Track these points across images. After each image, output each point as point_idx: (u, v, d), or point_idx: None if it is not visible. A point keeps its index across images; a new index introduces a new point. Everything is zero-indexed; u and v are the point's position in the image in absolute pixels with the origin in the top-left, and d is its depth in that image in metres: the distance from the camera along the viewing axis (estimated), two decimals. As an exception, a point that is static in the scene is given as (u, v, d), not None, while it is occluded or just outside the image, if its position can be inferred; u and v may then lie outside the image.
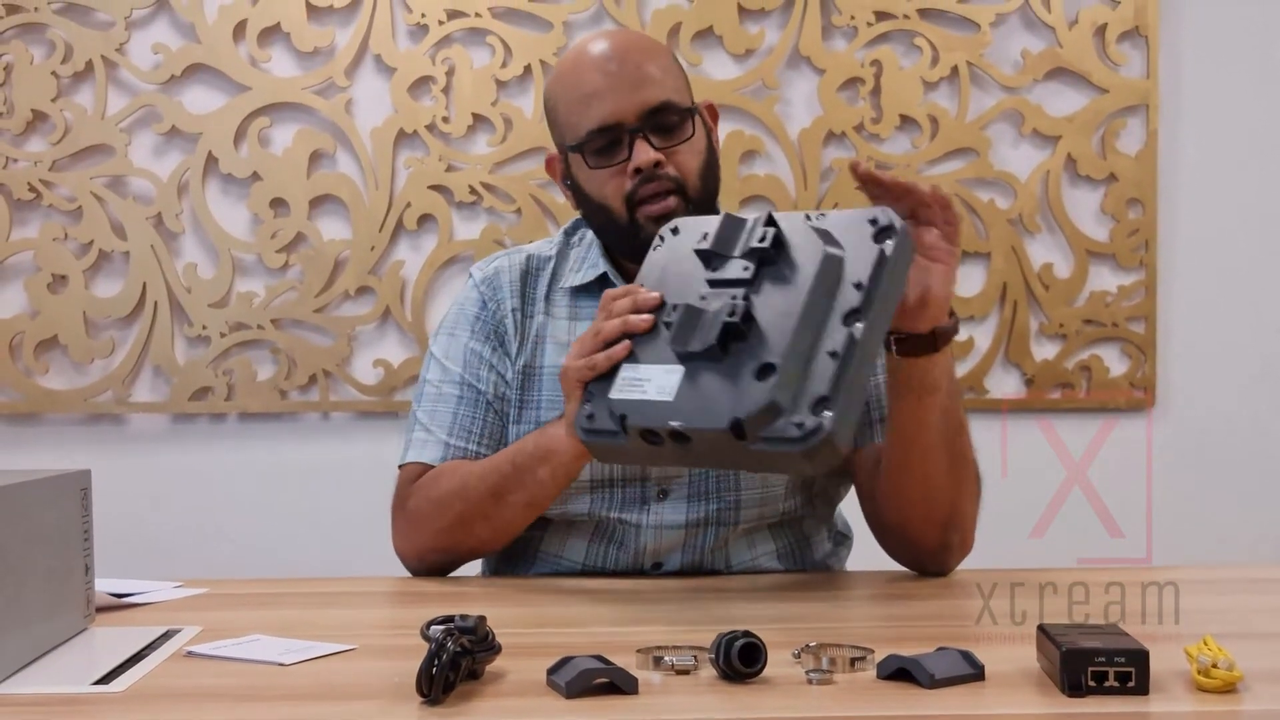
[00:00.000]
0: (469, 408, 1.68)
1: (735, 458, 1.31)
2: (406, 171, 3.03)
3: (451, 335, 1.73)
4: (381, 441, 2.94)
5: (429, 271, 3.04)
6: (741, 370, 1.29)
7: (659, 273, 1.44)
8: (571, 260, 1.74)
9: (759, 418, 1.26)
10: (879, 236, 1.34)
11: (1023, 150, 3.10)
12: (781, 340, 1.29)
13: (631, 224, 1.61)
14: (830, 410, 1.25)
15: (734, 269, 1.37)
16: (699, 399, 1.31)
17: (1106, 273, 3.11)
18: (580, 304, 1.71)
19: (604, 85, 1.59)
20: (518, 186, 3.03)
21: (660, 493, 1.67)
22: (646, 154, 1.58)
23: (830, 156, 3.09)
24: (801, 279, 1.32)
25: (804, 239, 1.35)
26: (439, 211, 3.04)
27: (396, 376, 3.04)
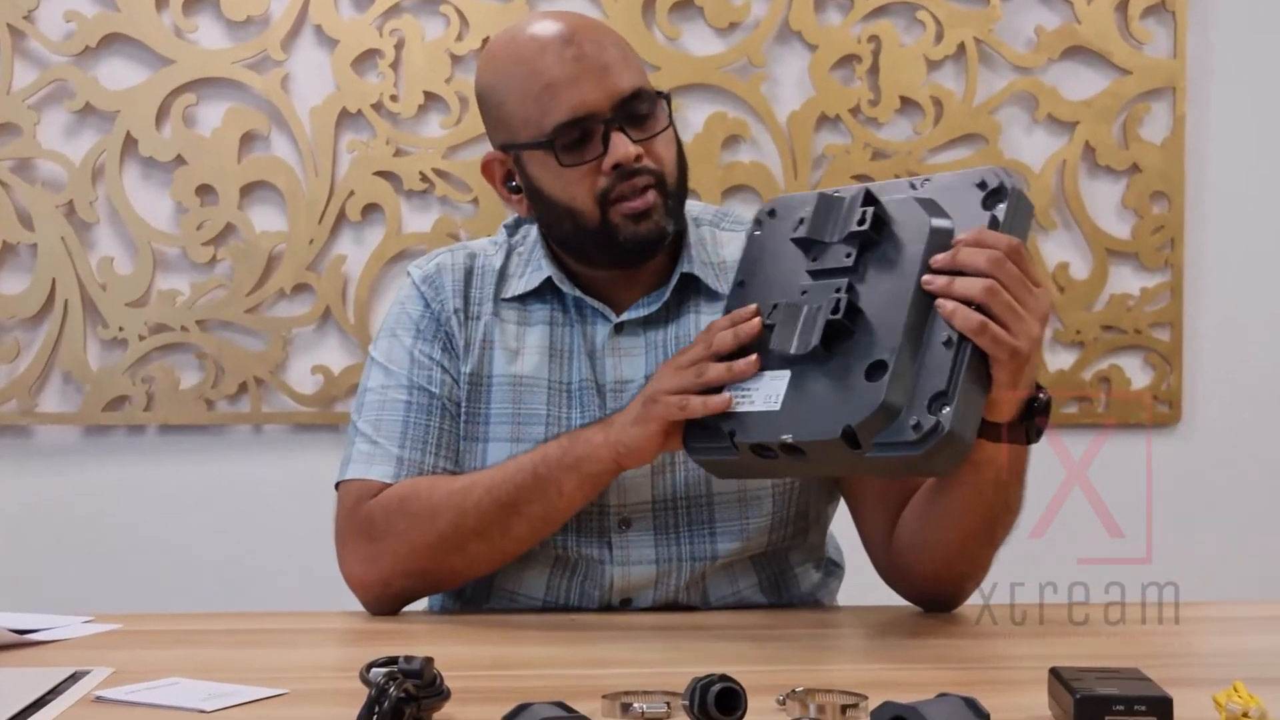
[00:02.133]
0: (421, 414, 1.68)
1: (854, 467, 1.37)
2: (350, 156, 3.03)
3: (394, 337, 1.73)
4: (321, 457, 2.91)
5: (374, 268, 3.04)
6: (850, 370, 1.32)
7: (757, 266, 1.47)
8: (515, 263, 1.75)
9: (872, 422, 1.29)
10: (989, 201, 1.36)
11: (1036, 137, 3.11)
12: (891, 333, 1.32)
13: (604, 224, 1.61)
14: (949, 406, 1.28)
15: (834, 256, 1.39)
16: (808, 406, 1.34)
17: (1128, 274, 3.13)
18: (530, 309, 1.72)
19: (569, 73, 1.58)
20: (473, 173, 3.01)
21: (621, 523, 1.67)
22: (626, 147, 1.59)
23: (823, 142, 3.09)
24: (908, 260, 1.35)
25: (907, 213, 1.37)
26: (386, 201, 3.04)
27: (337, 385, 3.04)
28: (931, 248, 1.34)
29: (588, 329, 1.70)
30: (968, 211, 1.36)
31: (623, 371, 1.68)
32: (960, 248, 1.34)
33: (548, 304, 1.71)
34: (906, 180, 1.42)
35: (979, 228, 1.34)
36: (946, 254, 1.34)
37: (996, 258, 1.32)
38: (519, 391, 1.69)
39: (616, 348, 1.68)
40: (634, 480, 1.64)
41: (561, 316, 1.71)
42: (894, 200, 1.39)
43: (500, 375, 1.70)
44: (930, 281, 1.33)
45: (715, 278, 1.70)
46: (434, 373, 1.70)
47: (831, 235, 1.40)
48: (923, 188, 1.40)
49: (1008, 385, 1.35)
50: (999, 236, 1.34)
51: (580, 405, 1.67)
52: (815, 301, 1.37)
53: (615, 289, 1.70)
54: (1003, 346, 1.31)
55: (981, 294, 1.31)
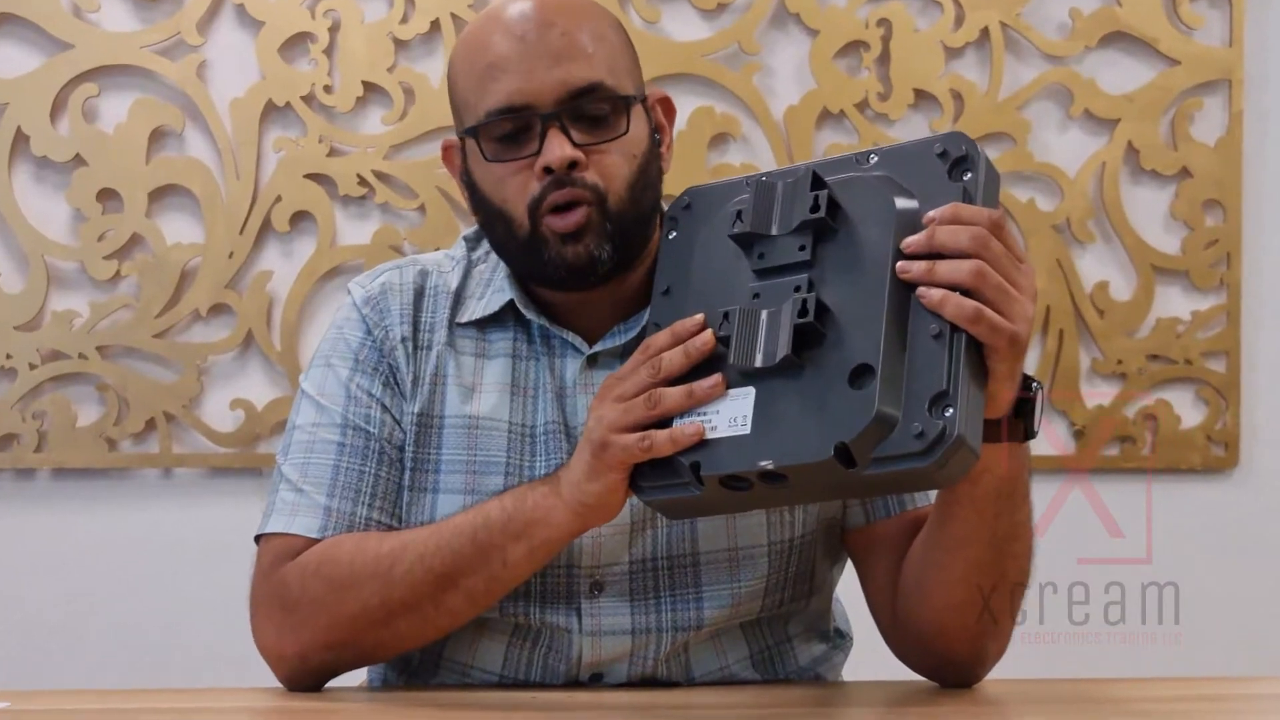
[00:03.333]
0: (354, 458, 1.67)
1: (848, 488, 1.38)
2: (276, 156, 3.03)
3: (328, 367, 1.72)
4: (241, 506, 2.63)
5: (305, 285, 3.03)
6: (829, 379, 1.32)
7: (685, 271, 1.47)
8: (474, 282, 1.75)
9: (868, 435, 1.29)
10: (955, 171, 1.36)
11: (1071, 137, 3.12)
12: (870, 332, 1.32)
13: (534, 237, 1.61)
14: (952, 406, 1.28)
15: (785, 251, 1.39)
16: (785, 425, 1.34)
17: (1177, 295, 3.13)
18: (490, 338, 1.72)
19: (513, 53, 1.59)
20: (421, 176, 3.02)
21: (593, 587, 1.67)
22: (560, 150, 1.58)
23: (825, 142, 3.07)
24: (875, 248, 1.34)
25: (864, 193, 1.38)
26: (318, 208, 3.03)
27: (261, 421, 3.02)
28: (901, 230, 1.34)
29: (555, 362, 1.69)
30: (931, 185, 1.37)
31: None
32: (935, 227, 1.34)
33: (509, 331, 1.71)
34: (850, 155, 1.42)
35: (953, 203, 1.35)
36: (920, 235, 1.34)
37: (980, 234, 1.33)
38: (475, 435, 1.68)
39: (589, 384, 1.67)
40: (609, 538, 1.64)
41: (525, 348, 1.70)
42: (844, 179, 1.39)
43: (454, 416, 1.69)
44: (907, 268, 1.33)
45: None
46: (373, 411, 1.68)
47: (778, 227, 1.40)
48: (874, 163, 1.40)
49: (1006, 376, 1.36)
50: (977, 210, 1.35)
51: (545, 452, 1.66)
52: (774, 304, 1.37)
53: (587, 313, 1.69)
54: (1001, 334, 1.32)
55: (970, 277, 1.32)
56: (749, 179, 1.43)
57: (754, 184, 1.42)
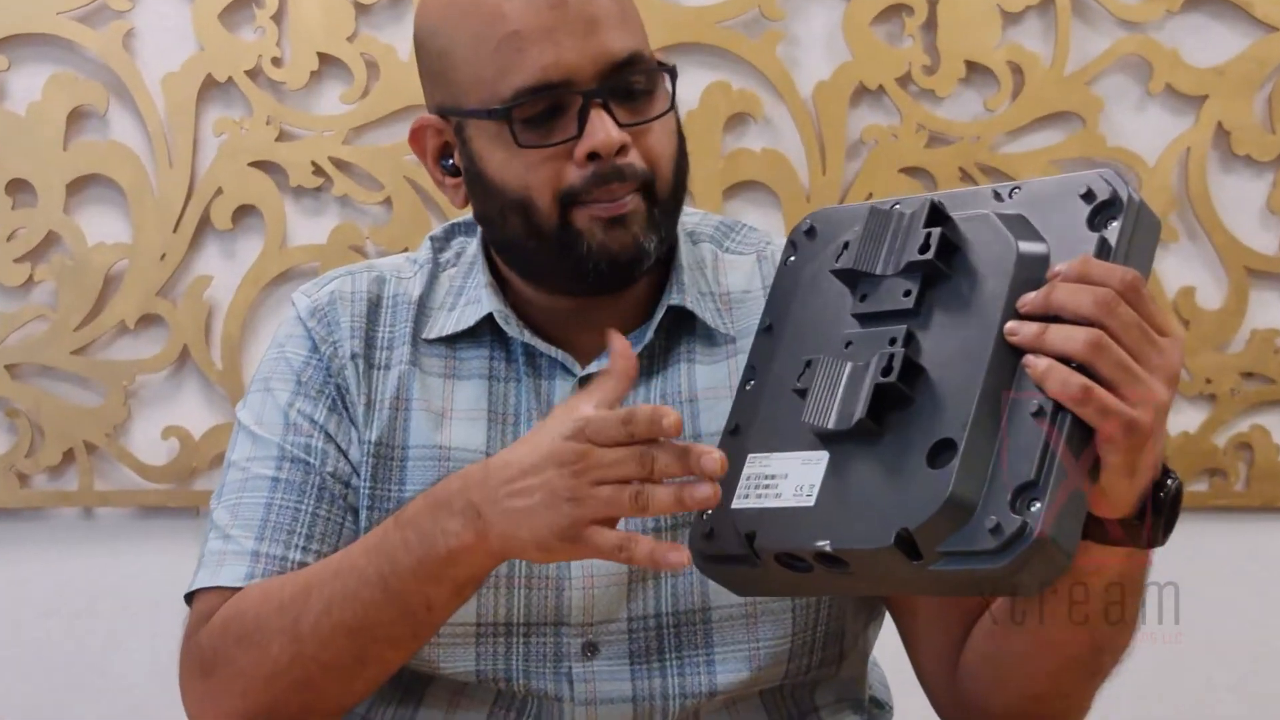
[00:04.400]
0: (290, 494, 1.67)
1: (912, 582, 1.36)
2: (217, 141, 3.03)
3: (266, 392, 1.73)
4: (175, 551, 2.59)
5: (250, 293, 3.03)
6: (908, 452, 1.32)
7: (791, 306, 1.48)
8: (444, 289, 1.75)
9: (936, 524, 1.28)
10: (1097, 217, 1.35)
11: (1150, 117, 3.10)
12: (963, 401, 1.31)
13: (564, 230, 1.61)
14: (1039, 501, 1.27)
15: (889, 294, 1.39)
16: (851, 502, 1.34)
17: (1276, 302, 3.13)
18: (462, 355, 1.72)
19: (544, 21, 1.58)
20: (387, 165, 3.01)
21: (585, 647, 1.66)
22: (608, 132, 1.58)
23: (861, 123, 3.06)
24: (987, 301, 1.34)
25: (987, 235, 1.37)
26: (266, 202, 3.03)
27: (198, 453, 3.02)
28: (1019, 283, 1.33)
29: (541, 384, 1.70)
30: (1068, 232, 1.36)
31: None
32: (1056, 284, 1.32)
33: (484, 349, 1.71)
34: (989, 189, 1.42)
35: (1083, 255, 1.33)
36: (1039, 293, 1.33)
37: (1105, 298, 1.30)
38: (446, 469, 1.66)
39: None
40: (603, 591, 1.64)
41: (504, 367, 1.71)
42: (970, 217, 1.39)
43: (420, 447, 1.69)
44: (1015, 330, 1.32)
45: (716, 314, 1.71)
46: (314, 440, 1.69)
47: (885, 266, 1.40)
48: (1011, 199, 1.40)
49: (1122, 471, 1.33)
50: (1109, 268, 1.32)
51: None
52: (862, 357, 1.36)
53: (579, 327, 1.69)
54: (1114, 419, 1.29)
55: (1084, 348, 1.29)
56: (877, 204, 1.43)
57: (869, 210, 1.42)
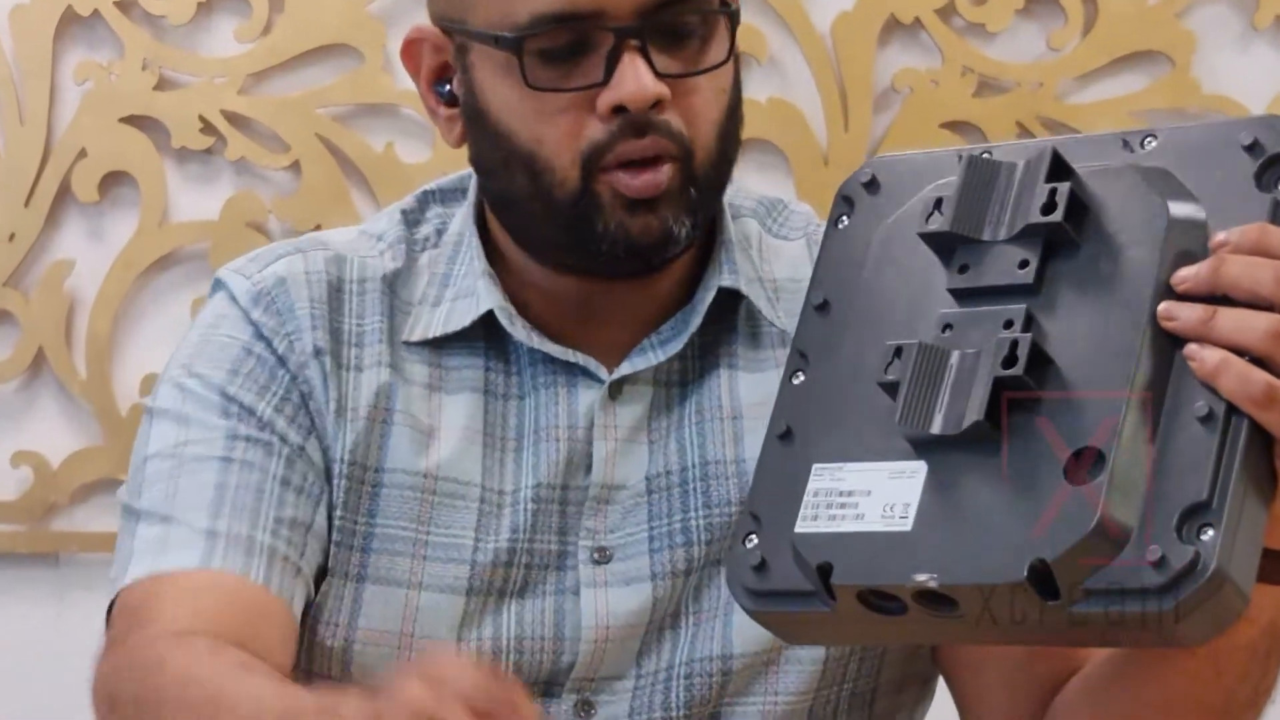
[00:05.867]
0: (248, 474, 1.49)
1: (1044, 627, 1.14)
2: (80, 89, 2.77)
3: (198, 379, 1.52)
4: (27, 604, 2.74)
5: (122, 282, 2.75)
6: (1038, 464, 1.12)
7: (850, 278, 1.31)
8: (423, 277, 1.57)
9: (1080, 555, 1.08)
10: (1268, 174, 1.14)
11: (1256, 57, 2.86)
12: (1107, 402, 1.14)
13: (586, 200, 1.44)
14: (1214, 527, 1.06)
15: (1000, 266, 1.20)
16: (962, 526, 1.14)
17: None
18: (450, 359, 1.54)
19: None
20: (295, 120, 2.76)
21: (581, 706, 1.52)
22: (642, 81, 1.40)
23: (892, 66, 2.80)
24: (1132, 276, 1.15)
25: (1125, 193, 1.18)
26: (142, 167, 2.76)
27: (57, 485, 2.75)
28: (1172, 255, 1.13)
29: (558, 395, 1.54)
30: (1228, 192, 1.15)
31: (616, 471, 1.50)
32: (1226, 256, 1.11)
33: (479, 355, 1.54)
34: (1116, 135, 1.23)
35: (1259, 224, 1.12)
36: (1202, 266, 1.12)
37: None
38: (429, 504, 1.51)
39: (611, 424, 1.53)
40: (615, 645, 1.48)
41: (503, 379, 1.55)
42: (1099, 171, 1.19)
43: (398, 471, 1.52)
44: (1173, 314, 1.12)
45: (769, 302, 1.56)
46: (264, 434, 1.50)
47: (995, 230, 1.20)
48: (1147, 147, 1.20)
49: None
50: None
51: (532, 527, 1.50)
52: (971, 344, 1.15)
53: (599, 317, 1.52)
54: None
55: (1266, 339, 1.09)
56: (962, 152, 1.25)
57: (967, 160, 1.23)
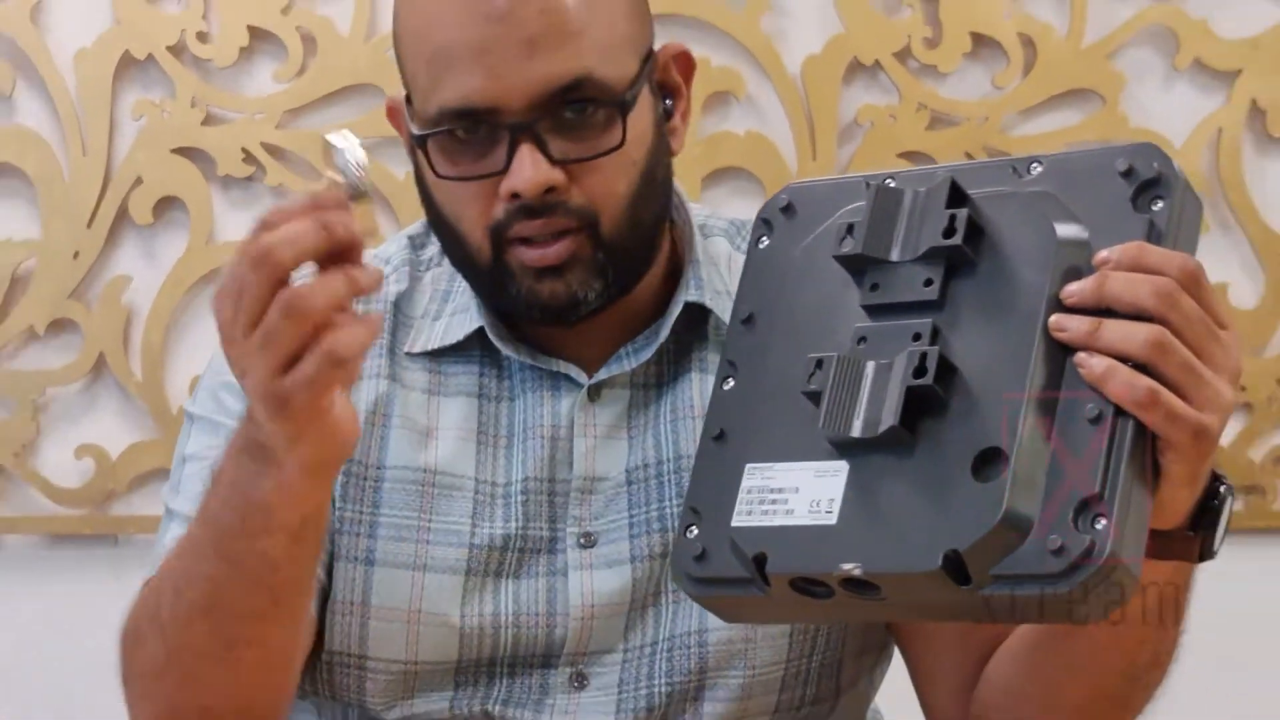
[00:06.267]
0: None
1: (953, 608, 1.24)
2: (136, 125, 2.79)
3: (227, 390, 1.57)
4: (88, 581, 2.71)
5: (173, 295, 2.79)
6: (947, 463, 1.20)
7: (773, 295, 1.38)
8: (425, 295, 1.63)
9: (989, 544, 1.16)
10: (1143, 197, 1.25)
11: (1177, 95, 2.87)
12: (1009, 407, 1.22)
13: (497, 267, 1.51)
14: (1106, 516, 1.15)
15: (907, 284, 1.28)
16: (882, 520, 1.22)
17: None
18: (447, 368, 1.61)
19: (478, 37, 1.46)
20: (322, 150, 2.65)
21: (574, 679, 1.55)
22: (531, 172, 1.45)
23: (856, 102, 2.82)
24: (1026, 292, 1.25)
25: (1016, 216, 1.28)
26: (191, 193, 2.78)
27: (116, 475, 2.76)
28: (1060, 272, 1.23)
29: (544, 398, 1.61)
30: (1107, 213, 1.25)
31: (596, 464, 1.57)
32: (1109, 273, 1.20)
33: (473, 365, 1.60)
34: (1006, 162, 1.32)
35: (1137, 242, 1.21)
36: (1087, 282, 1.20)
37: (1166, 288, 1.19)
38: (429, 495, 1.57)
39: (590, 423, 1.59)
40: (602, 622, 1.53)
41: (495, 384, 1.61)
42: (993, 195, 1.28)
43: (399, 467, 1.58)
44: (1063, 326, 1.19)
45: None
46: None
47: (900, 251, 1.28)
48: (1034, 175, 1.29)
49: (1184, 481, 1.21)
50: (1167, 255, 1.21)
51: (523, 516, 1.56)
52: (884, 355, 1.24)
53: (582, 334, 1.58)
54: (1183, 425, 1.16)
55: (1147, 348, 1.16)
56: (870, 180, 1.34)
57: (874, 189, 1.32)
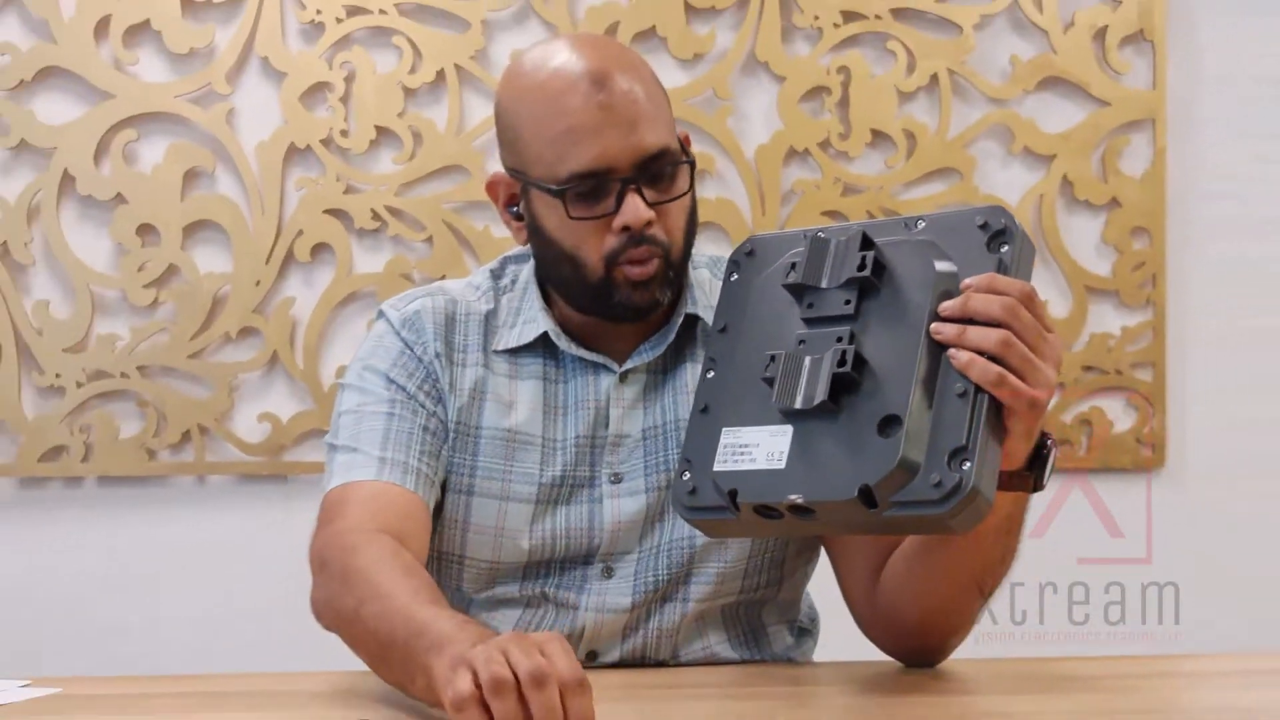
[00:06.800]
0: (403, 423, 1.64)
1: (868, 525, 1.36)
2: (298, 193, 3.04)
3: (368, 368, 1.70)
4: (267, 509, 2.99)
5: (324, 310, 3.04)
6: (860, 425, 1.32)
7: (742, 312, 1.46)
8: (503, 313, 1.73)
9: (890, 481, 1.29)
10: (993, 243, 1.36)
11: (1012, 171, 3.13)
12: (901, 385, 1.32)
13: (606, 282, 1.61)
14: (969, 461, 1.28)
15: (832, 303, 1.38)
16: (816, 464, 1.33)
17: (1109, 312, 3.13)
18: (521, 360, 1.71)
19: (593, 121, 1.55)
20: (429, 211, 3.03)
21: (604, 570, 1.68)
22: (639, 212, 1.56)
23: (792, 177, 3.09)
24: (913, 307, 1.34)
25: (907, 256, 1.37)
26: (336, 240, 3.04)
27: (285, 433, 3.03)
28: (938, 293, 1.34)
29: (589, 381, 1.69)
30: (970, 254, 1.36)
31: (623, 425, 1.68)
32: (971, 294, 1.33)
33: (539, 358, 1.70)
34: (900, 220, 1.42)
35: (990, 273, 1.34)
36: (956, 301, 1.33)
37: (1010, 305, 1.32)
38: (511, 447, 1.68)
39: (620, 398, 1.69)
40: (627, 529, 1.65)
41: (554, 371, 1.71)
42: (891, 242, 1.39)
43: (491, 428, 1.68)
44: (940, 330, 1.33)
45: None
46: (414, 402, 1.66)
47: (827, 280, 1.39)
48: (920, 229, 1.40)
49: (1023, 436, 1.35)
50: (1011, 282, 1.33)
51: (574, 462, 1.68)
52: (816, 352, 1.36)
53: (613, 335, 1.70)
54: (1021, 398, 1.31)
55: (997, 345, 1.31)
56: (807, 233, 1.42)
57: (810, 239, 1.41)
